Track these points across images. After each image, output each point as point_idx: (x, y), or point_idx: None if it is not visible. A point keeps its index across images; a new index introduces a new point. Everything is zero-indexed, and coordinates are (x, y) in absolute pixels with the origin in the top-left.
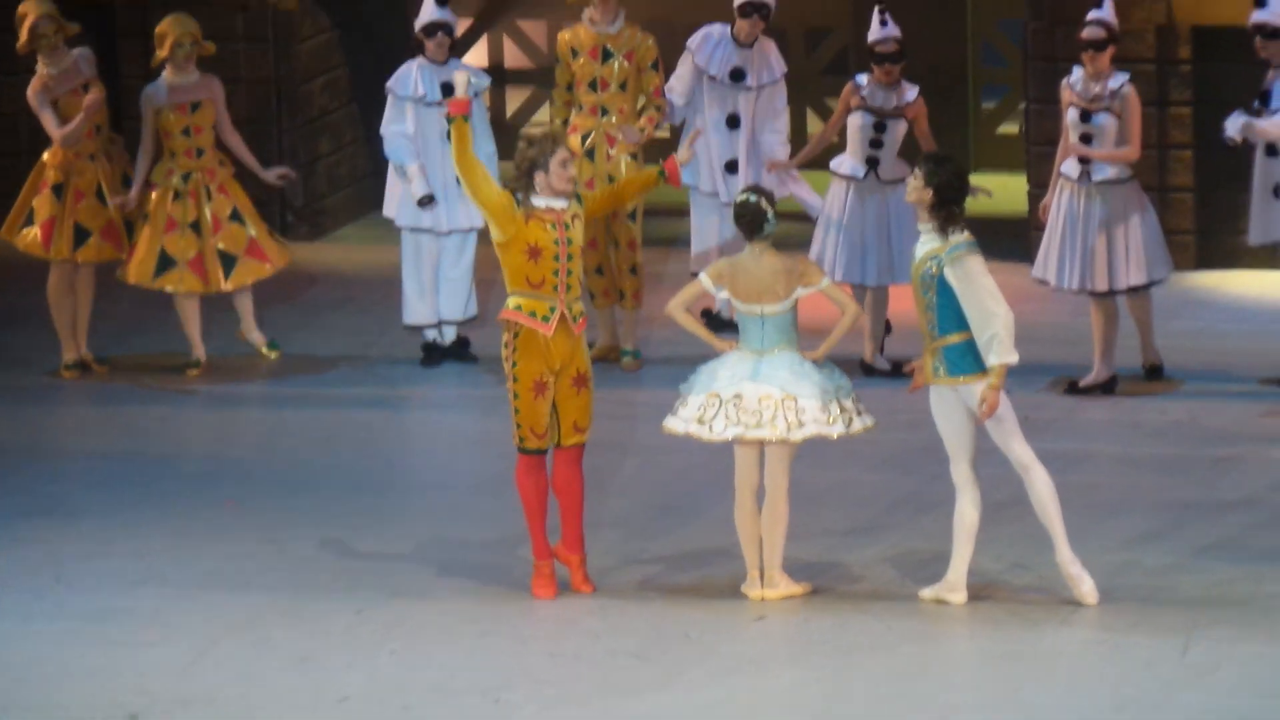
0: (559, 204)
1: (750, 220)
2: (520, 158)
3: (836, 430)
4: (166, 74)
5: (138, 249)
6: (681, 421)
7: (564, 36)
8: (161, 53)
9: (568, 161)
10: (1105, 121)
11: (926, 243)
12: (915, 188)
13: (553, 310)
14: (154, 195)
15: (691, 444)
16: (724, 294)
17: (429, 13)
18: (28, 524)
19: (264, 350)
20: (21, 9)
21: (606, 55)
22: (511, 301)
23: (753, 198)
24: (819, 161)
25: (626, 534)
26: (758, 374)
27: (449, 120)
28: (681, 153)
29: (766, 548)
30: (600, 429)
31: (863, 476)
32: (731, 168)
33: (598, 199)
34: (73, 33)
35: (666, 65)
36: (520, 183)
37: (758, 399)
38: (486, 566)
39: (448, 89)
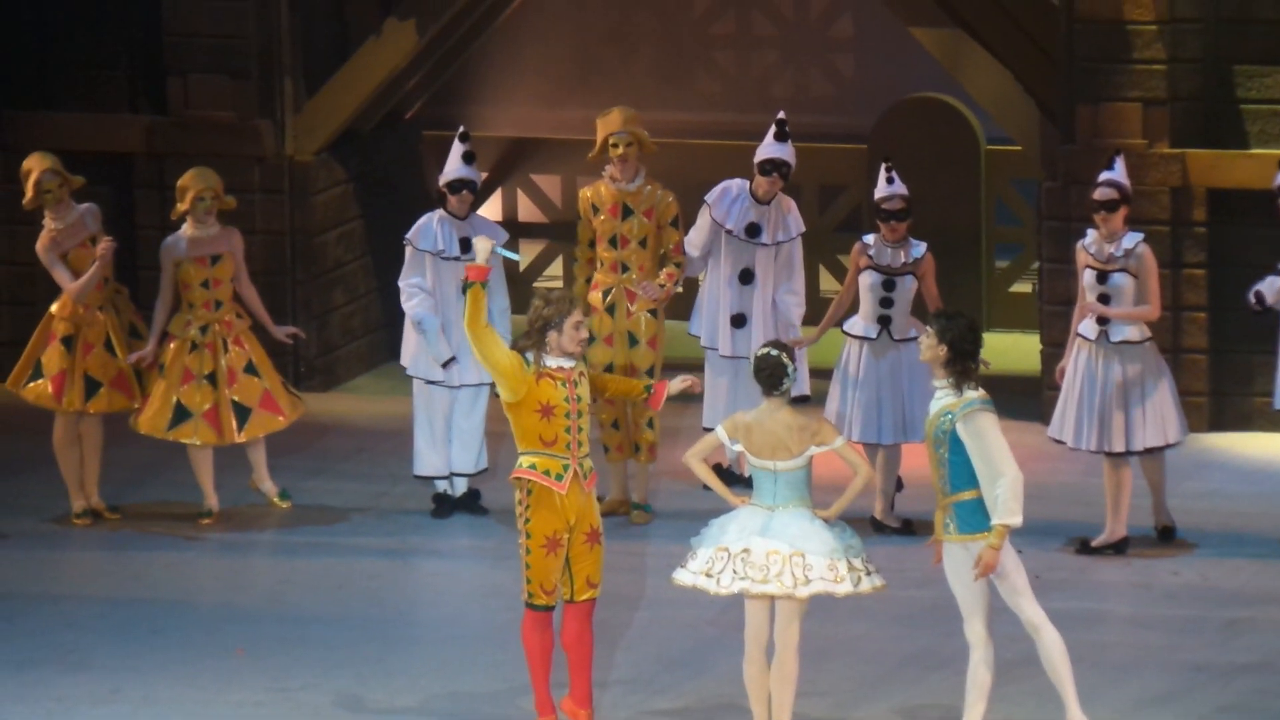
0: (568, 363)
1: (770, 374)
2: (535, 315)
3: (844, 588)
4: (186, 227)
5: (152, 400)
6: (690, 574)
7: (585, 193)
8: (182, 206)
9: (581, 325)
10: (1122, 281)
11: (941, 399)
12: (928, 345)
13: (566, 468)
14: (171, 347)
15: (700, 598)
16: (738, 447)
17: (454, 169)
18: (38, 670)
19: (275, 500)
20: (26, 164)
21: (627, 212)
22: (525, 460)
23: (773, 352)
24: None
25: (634, 688)
26: (768, 529)
27: (466, 285)
28: (675, 385)
29: (775, 704)
30: (609, 582)
31: (873, 632)
32: (737, 322)
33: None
34: (77, 185)
35: (687, 221)
36: (531, 339)
37: (765, 554)
38: (493, 719)
39: (467, 244)
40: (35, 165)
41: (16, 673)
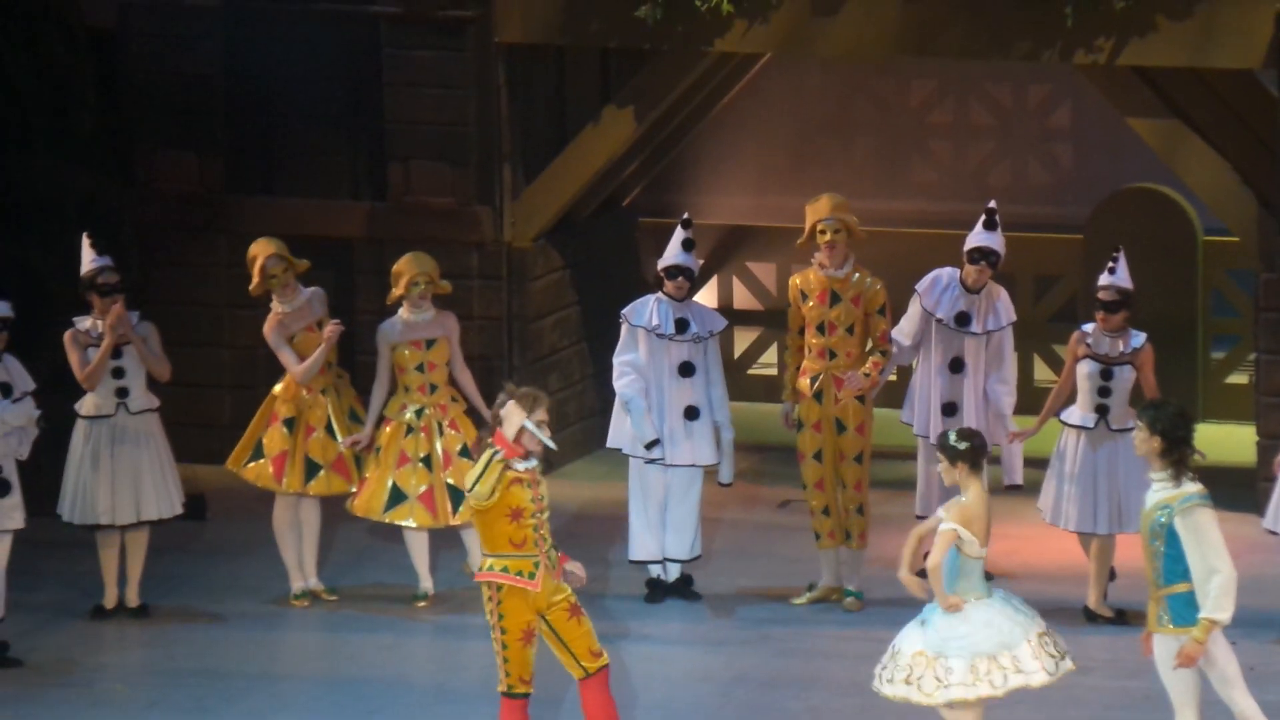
0: (531, 464)
1: (980, 448)
2: (497, 411)
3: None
4: (403, 311)
5: (369, 483)
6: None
7: (794, 281)
8: (397, 290)
9: (543, 424)
10: None
11: (1159, 491)
12: (1141, 439)
13: (536, 565)
14: (387, 430)
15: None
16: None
17: (672, 255)
18: None
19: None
20: (252, 251)
21: (835, 299)
22: (495, 564)
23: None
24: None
25: None
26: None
27: (497, 456)
28: (576, 570)
29: None
30: (824, 669)
31: None
32: (948, 410)
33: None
34: (303, 269)
35: (896, 310)
36: (495, 411)
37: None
38: None
39: (684, 325)
40: (260, 251)
41: None
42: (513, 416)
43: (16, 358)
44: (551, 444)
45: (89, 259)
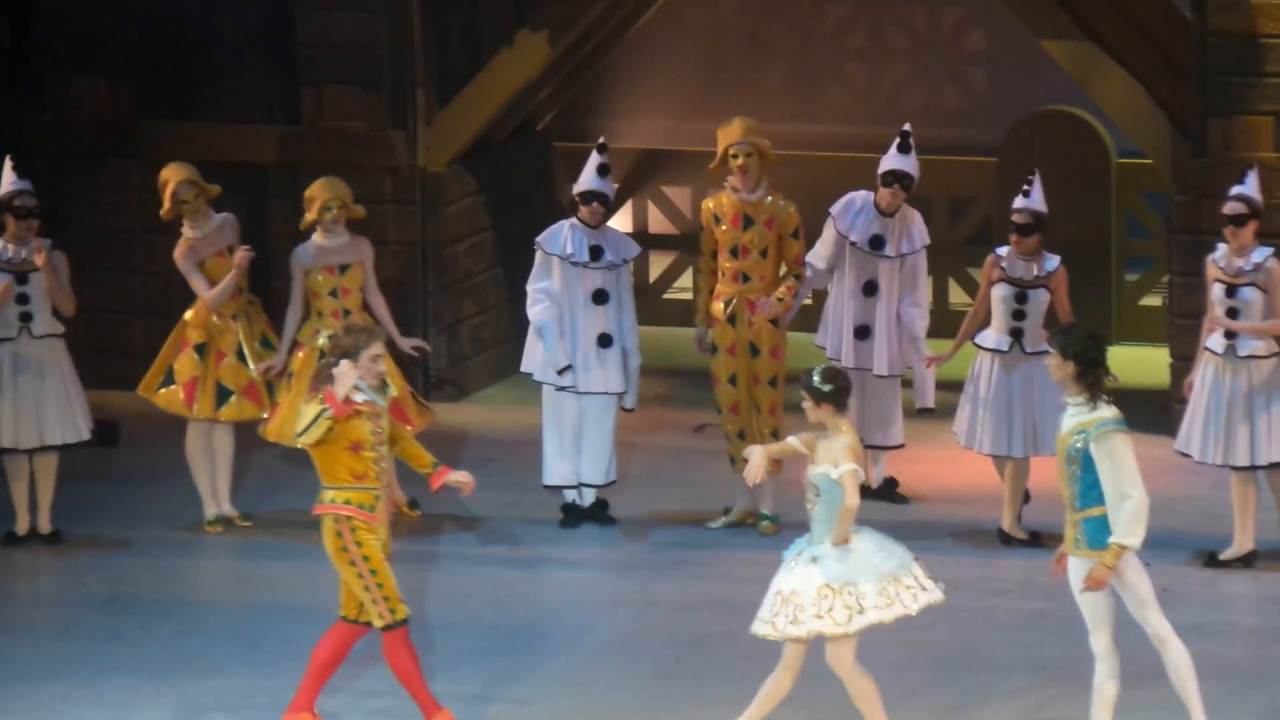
0: (369, 395)
1: (845, 389)
2: (334, 343)
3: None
4: (316, 236)
5: (281, 408)
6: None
7: (707, 204)
8: (310, 215)
9: (379, 357)
10: (1250, 296)
11: (1074, 415)
12: (1055, 365)
13: (377, 499)
14: (300, 355)
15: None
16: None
17: (587, 180)
18: (170, 677)
19: (405, 509)
20: (163, 175)
21: (748, 222)
22: (337, 496)
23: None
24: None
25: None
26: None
27: (326, 414)
28: (454, 477)
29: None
30: (740, 594)
31: (999, 642)
32: (861, 334)
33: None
34: (214, 195)
35: (810, 233)
36: (328, 368)
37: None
38: None
39: (598, 252)
40: (172, 176)
41: (149, 679)
42: (346, 377)
43: None
44: (382, 401)
45: (9, 181)
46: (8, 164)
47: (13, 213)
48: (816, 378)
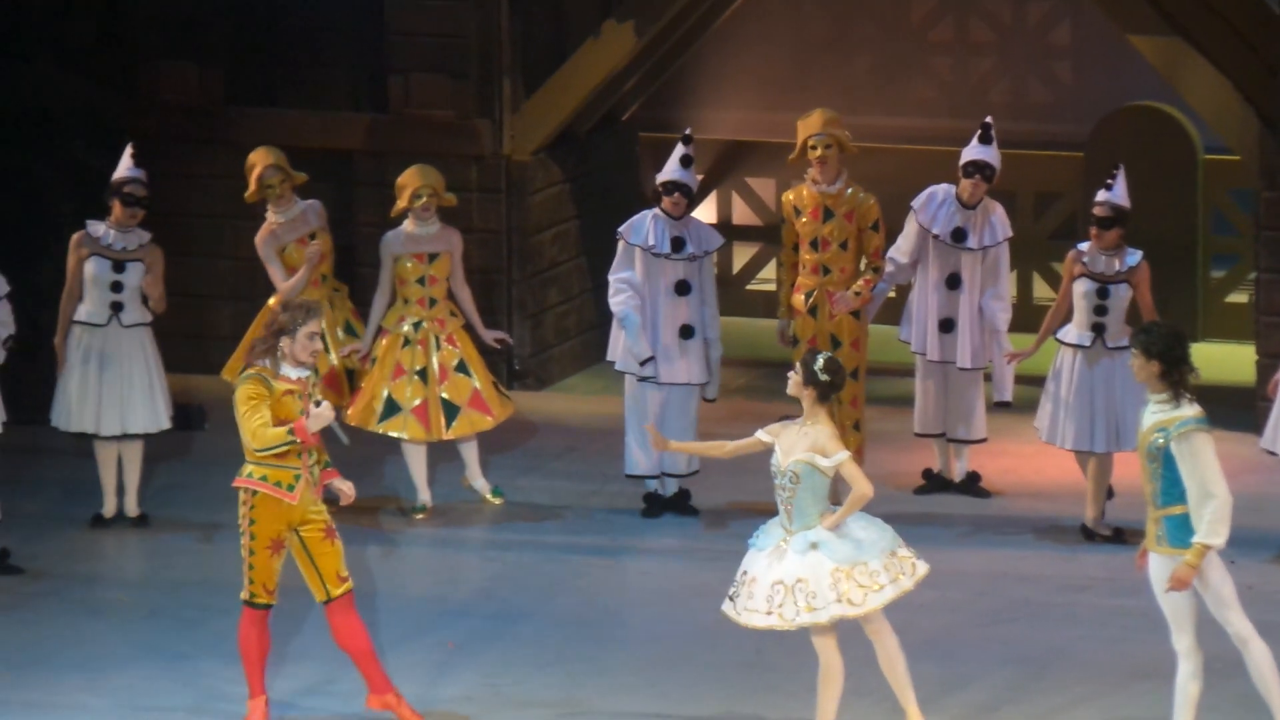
0: (303, 373)
1: (838, 386)
2: (271, 319)
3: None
4: (407, 223)
5: (363, 393)
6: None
7: (788, 196)
8: (401, 203)
9: (315, 335)
10: None
11: (1156, 413)
12: (1139, 365)
13: (298, 478)
14: (384, 341)
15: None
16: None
17: (671, 171)
18: None
19: (488, 497)
20: (250, 159)
21: (828, 214)
22: (255, 471)
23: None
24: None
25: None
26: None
27: (295, 441)
28: (342, 486)
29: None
30: None
31: (1083, 640)
32: (945, 326)
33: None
34: (300, 182)
35: (892, 226)
36: (265, 344)
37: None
38: (700, 718)
39: (680, 243)
40: (259, 160)
41: (233, 662)
42: (322, 418)
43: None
44: (344, 438)
45: (126, 166)
46: (129, 151)
47: (121, 198)
48: (820, 363)
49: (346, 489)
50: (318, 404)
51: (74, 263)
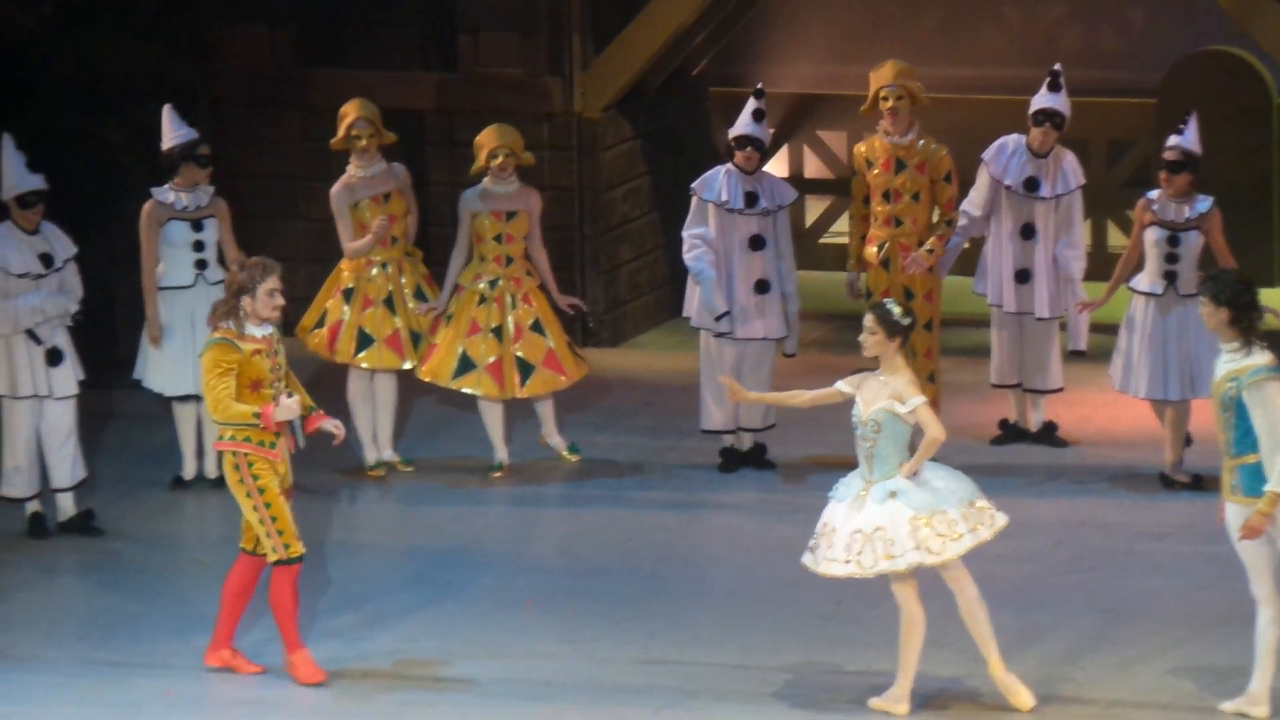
0: (267, 330)
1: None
2: (230, 279)
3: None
4: (486, 181)
5: (439, 349)
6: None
7: (859, 149)
8: (479, 161)
9: (275, 291)
10: None
11: (1228, 362)
12: (1208, 313)
13: (278, 436)
14: (460, 298)
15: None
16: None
17: (743, 125)
18: (333, 620)
19: (565, 454)
20: (344, 109)
21: (900, 166)
22: (239, 434)
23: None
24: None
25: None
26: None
27: (257, 425)
28: (331, 427)
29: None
30: None
31: (1162, 588)
32: (1021, 277)
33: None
34: (388, 141)
35: (964, 178)
36: (227, 305)
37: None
38: (782, 671)
39: (753, 198)
40: (353, 110)
41: (311, 622)
42: (289, 410)
43: (56, 225)
44: (301, 441)
45: (178, 129)
46: (170, 112)
47: (196, 161)
48: (897, 310)
49: (336, 430)
50: (290, 395)
51: (151, 232)
